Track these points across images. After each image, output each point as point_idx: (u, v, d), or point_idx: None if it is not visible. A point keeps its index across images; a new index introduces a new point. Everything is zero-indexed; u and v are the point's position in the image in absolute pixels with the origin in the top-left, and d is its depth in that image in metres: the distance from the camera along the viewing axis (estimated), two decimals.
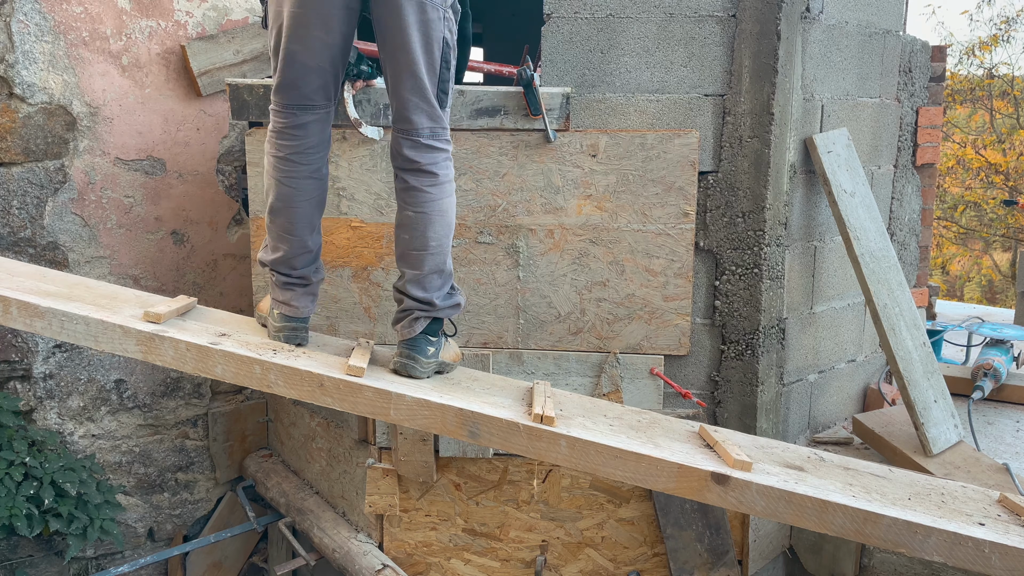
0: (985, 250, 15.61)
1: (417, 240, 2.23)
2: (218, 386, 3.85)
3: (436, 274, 2.25)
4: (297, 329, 2.33)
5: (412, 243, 2.24)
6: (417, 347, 2.26)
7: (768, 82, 2.72)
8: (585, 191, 2.82)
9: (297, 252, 2.30)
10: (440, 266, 2.25)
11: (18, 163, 3.26)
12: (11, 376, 3.35)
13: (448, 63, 2.20)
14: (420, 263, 2.24)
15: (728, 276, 2.85)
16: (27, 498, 2.99)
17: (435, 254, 2.23)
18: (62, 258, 3.40)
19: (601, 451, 2.04)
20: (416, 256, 2.24)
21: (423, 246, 2.23)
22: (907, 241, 3.60)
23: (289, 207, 2.27)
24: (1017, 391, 3.50)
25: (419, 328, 2.25)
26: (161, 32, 3.54)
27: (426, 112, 2.19)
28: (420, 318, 2.25)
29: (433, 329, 2.28)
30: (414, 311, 2.26)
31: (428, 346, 2.27)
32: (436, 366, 2.31)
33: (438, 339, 2.30)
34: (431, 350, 2.27)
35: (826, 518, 1.95)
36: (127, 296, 2.43)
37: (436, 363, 2.30)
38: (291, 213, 2.28)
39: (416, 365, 2.25)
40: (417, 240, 2.23)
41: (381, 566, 2.97)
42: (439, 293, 2.27)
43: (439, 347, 2.30)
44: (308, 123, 2.25)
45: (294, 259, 2.31)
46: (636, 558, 2.98)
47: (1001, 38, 13.11)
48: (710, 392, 2.93)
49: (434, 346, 2.28)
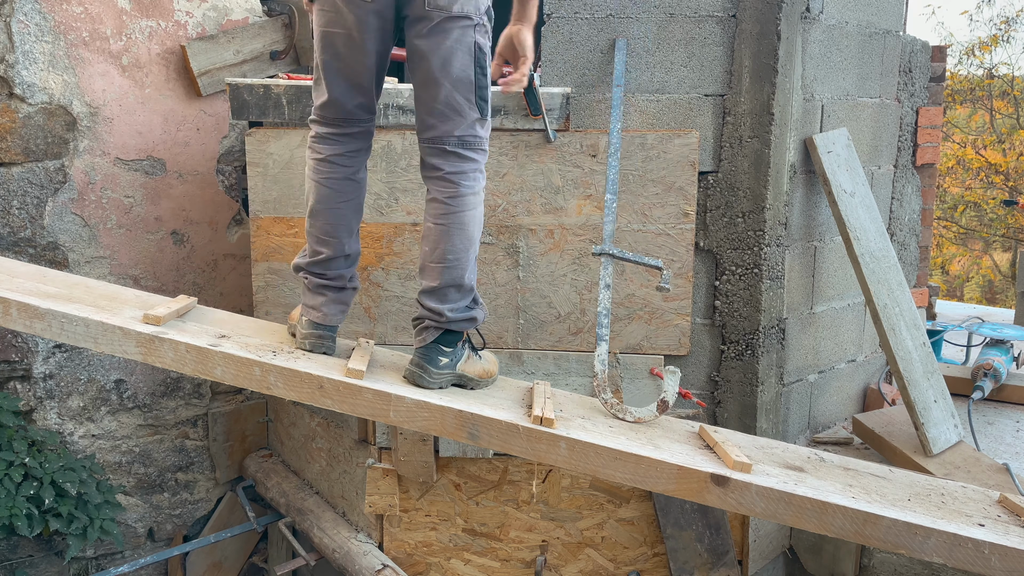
0: (985, 250, 15.60)
1: (435, 253, 2.20)
2: (218, 386, 3.85)
3: (454, 288, 2.21)
4: (323, 338, 2.29)
5: (430, 255, 2.21)
6: (428, 357, 2.22)
7: (768, 82, 2.72)
8: (585, 191, 2.82)
9: (335, 255, 2.28)
10: (458, 280, 2.21)
11: (18, 163, 3.26)
12: (11, 376, 3.35)
13: (484, 69, 2.15)
14: (436, 275, 2.20)
15: (728, 276, 2.85)
16: (27, 498, 2.99)
17: (452, 268, 2.19)
18: (62, 258, 3.40)
19: (600, 453, 2.04)
20: (433, 269, 2.21)
21: (440, 259, 2.19)
22: (907, 241, 3.60)
23: (328, 209, 2.26)
24: (1017, 391, 3.50)
25: (430, 338, 2.22)
26: (161, 32, 3.54)
27: (458, 120, 2.15)
28: (431, 327, 2.22)
29: (448, 340, 2.23)
30: (425, 320, 2.23)
31: (440, 356, 2.22)
32: (452, 378, 2.25)
33: (454, 350, 2.25)
34: (444, 361, 2.22)
35: (826, 519, 1.95)
36: (127, 297, 2.43)
37: (451, 375, 2.25)
38: (330, 215, 2.26)
39: (424, 375, 2.21)
40: (435, 253, 2.20)
41: (381, 566, 2.97)
42: (455, 306, 2.22)
43: (456, 358, 2.25)
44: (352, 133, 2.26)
45: (330, 261, 2.28)
46: (636, 558, 2.98)
47: (1001, 38, 13.11)
48: (710, 392, 2.93)
49: (448, 357, 2.23)
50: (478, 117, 2.18)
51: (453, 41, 2.10)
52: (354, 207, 2.30)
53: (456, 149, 2.17)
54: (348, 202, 2.28)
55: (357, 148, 2.28)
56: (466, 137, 2.17)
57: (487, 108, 2.19)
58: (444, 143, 2.17)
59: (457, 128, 2.16)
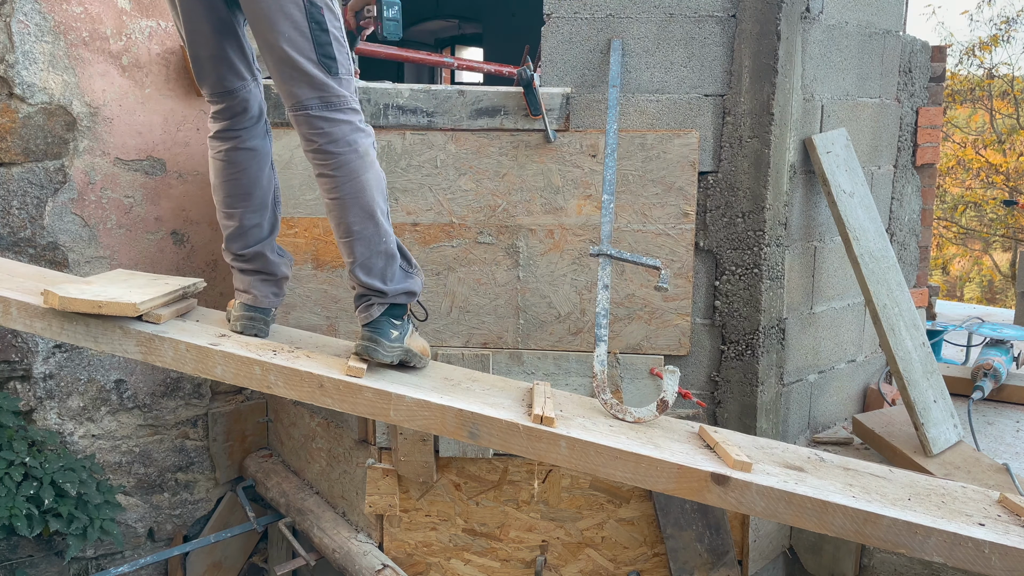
0: (985, 250, 15.61)
1: (340, 228, 2.13)
2: (218, 386, 3.85)
3: (375, 256, 2.14)
4: (255, 319, 2.28)
5: (337, 232, 2.14)
6: (379, 330, 2.17)
7: (768, 82, 2.72)
8: (585, 191, 2.82)
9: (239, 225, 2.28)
10: (376, 247, 2.13)
11: (18, 163, 3.26)
12: (11, 376, 3.35)
13: (321, 24, 2.03)
14: (350, 251, 2.14)
15: (728, 276, 2.85)
16: (27, 498, 2.99)
17: (362, 239, 2.11)
18: (62, 258, 3.40)
19: (601, 452, 2.04)
20: (344, 244, 2.15)
21: (347, 233, 2.12)
22: (907, 241, 3.60)
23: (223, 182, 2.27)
24: (1017, 391, 3.50)
25: (376, 313, 2.17)
26: (161, 32, 3.54)
27: (305, 82, 2.04)
28: (375, 304, 2.18)
29: (395, 313, 2.19)
30: (369, 296, 2.19)
31: (392, 329, 2.18)
32: (401, 353, 2.21)
33: (402, 323, 2.21)
34: (395, 333, 2.18)
35: (826, 519, 1.95)
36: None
37: (401, 348, 2.20)
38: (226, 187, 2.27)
39: (379, 348, 2.15)
40: (340, 228, 2.13)
41: (381, 566, 2.97)
42: (387, 276, 2.17)
43: (404, 331, 2.22)
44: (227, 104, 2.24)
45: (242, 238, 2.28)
46: (636, 558, 2.98)
47: (1001, 38, 13.10)
48: (710, 392, 2.93)
49: (398, 330, 2.19)
50: (329, 74, 2.05)
51: (272, 1, 2.00)
52: (249, 177, 2.26)
53: (321, 112, 2.06)
54: (242, 171, 2.25)
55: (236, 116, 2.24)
56: (327, 97, 2.06)
57: (337, 64, 2.06)
58: (308, 108, 2.06)
59: (312, 88, 2.04)
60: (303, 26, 2.01)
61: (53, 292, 2.07)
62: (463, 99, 2.79)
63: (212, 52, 2.17)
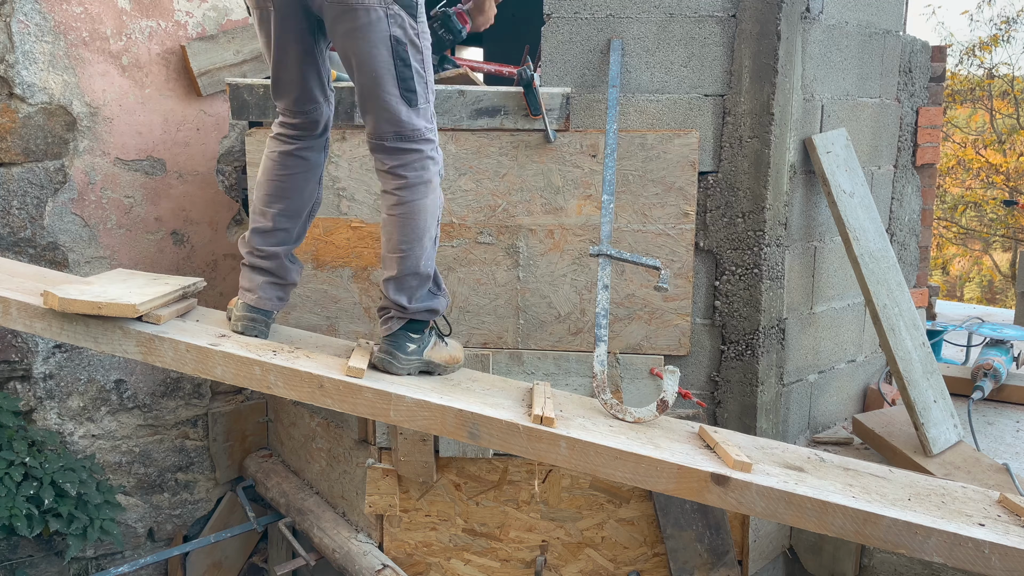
0: (985, 250, 15.61)
1: (390, 243, 2.24)
2: (218, 386, 3.85)
3: (412, 276, 2.25)
4: (256, 321, 2.34)
5: (387, 246, 2.26)
6: (396, 343, 2.27)
7: (768, 82, 2.72)
8: (585, 191, 2.82)
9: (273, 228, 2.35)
10: (414, 268, 2.24)
11: (18, 163, 3.26)
12: (11, 376, 3.35)
13: (405, 60, 2.14)
14: (392, 265, 2.24)
15: (728, 276, 2.85)
16: (27, 498, 2.99)
17: (406, 258, 2.22)
18: (62, 258, 3.40)
19: (601, 452, 2.04)
20: (389, 259, 2.25)
21: (394, 249, 2.23)
22: (907, 241, 3.60)
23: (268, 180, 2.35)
24: (1017, 391, 3.50)
25: (395, 327, 2.27)
26: (161, 32, 3.54)
27: (385, 118, 2.17)
28: (395, 318, 2.27)
29: (414, 328, 2.28)
30: (391, 311, 2.28)
31: (408, 343, 2.27)
32: (420, 365, 2.31)
33: (421, 337, 2.30)
34: (411, 347, 2.28)
35: (826, 519, 1.95)
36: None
37: (419, 361, 2.30)
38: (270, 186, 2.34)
39: (394, 361, 2.25)
40: (390, 243, 2.24)
41: (381, 566, 2.97)
42: (414, 295, 2.26)
43: (423, 345, 2.30)
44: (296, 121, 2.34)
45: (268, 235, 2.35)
46: (636, 558, 2.98)
47: (1001, 38, 13.11)
48: (710, 392, 2.93)
49: (415, 343, 2.28)
50: (409, 108, 2.17)
51: (363, 36, 2.11)
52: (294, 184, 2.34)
53: (395, 144, 2.19)
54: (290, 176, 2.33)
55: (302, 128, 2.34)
56: (402, 132, 2.18)
57: (416, 97, 2.18)
58: (383, 139, 2.20)
59: (390, 124, 2.17)
60: (388, 64, 2.13)
61: (53, 293, 2.07)
62: (463, 99, 2.79)
63: (293, 77, 2.27)
